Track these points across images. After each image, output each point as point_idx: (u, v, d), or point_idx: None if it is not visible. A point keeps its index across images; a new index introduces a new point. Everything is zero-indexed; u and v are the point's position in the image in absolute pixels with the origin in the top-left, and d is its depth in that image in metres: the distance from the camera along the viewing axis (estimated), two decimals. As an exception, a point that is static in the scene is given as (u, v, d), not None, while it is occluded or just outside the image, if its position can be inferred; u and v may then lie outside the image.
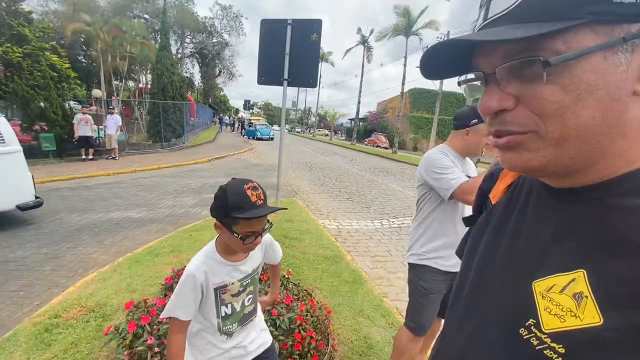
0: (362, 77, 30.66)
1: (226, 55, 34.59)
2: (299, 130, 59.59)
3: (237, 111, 58.05)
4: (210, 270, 1.08)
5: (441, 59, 0.42)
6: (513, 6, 0.34)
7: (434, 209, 1.67)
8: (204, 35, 31.46)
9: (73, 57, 19.61)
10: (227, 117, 41.26)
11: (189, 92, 25.72)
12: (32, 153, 8.64)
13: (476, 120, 1.58)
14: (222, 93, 48.78)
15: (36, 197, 4.55)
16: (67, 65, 10.28)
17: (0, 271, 3.26)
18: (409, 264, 1.77)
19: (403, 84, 22.74)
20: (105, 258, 3.69)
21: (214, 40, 32.49)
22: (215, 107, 39.86)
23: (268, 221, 1.07)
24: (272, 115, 69.79)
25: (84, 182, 7.40)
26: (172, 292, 2.35)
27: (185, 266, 2.60)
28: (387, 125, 35.24)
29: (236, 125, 34.61)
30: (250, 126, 27.69)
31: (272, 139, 25.79)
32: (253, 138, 25.39)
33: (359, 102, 31.17)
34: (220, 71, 36.33)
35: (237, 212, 0.97)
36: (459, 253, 0.65)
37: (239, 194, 0.98)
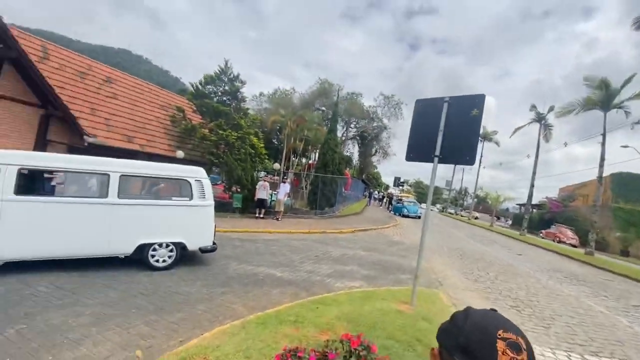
0: (536, 157, 26.27)
1: (383, 137, 37.61)
2: (452, 211, 54.72)
3: (387, 187, 60.10)
4: None
5: None
6: None
7: None
8: (366, 120, 35.72)
9: (269, 138, 26.17)
10: (376, 192, 43.07)
11: (347, 169, 28.78)
12: (225, 208, 11.35)
13: None
14: (375, 170, 52.19)
15: (214, 243, 5.65)
16: (262, 145, 13.71)
17: (171, 301, 4.00)
18: None
19: (601, 166, 17.71)
20: (242, 311, 3.96)
21: (375, 124, 36.25)
22: (367, 182, 42.62)
23: None
24: (422, 193, 68.09)
25: (251, 236, 8.85)
26: (276, 375, 2.11)
27: (298, 346, 2.36)
28: (574, 216, 27.58)
29: (384, 200, 35.41)
30: (398, 202, 27.58)
31: (419, 217, 24.49)
32: (399, 214, 24.94)
33: (532, 186, 26.25)
34: (376, 151, 39.45)
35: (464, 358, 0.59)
36: None
37: (484, 341, 0.58)
